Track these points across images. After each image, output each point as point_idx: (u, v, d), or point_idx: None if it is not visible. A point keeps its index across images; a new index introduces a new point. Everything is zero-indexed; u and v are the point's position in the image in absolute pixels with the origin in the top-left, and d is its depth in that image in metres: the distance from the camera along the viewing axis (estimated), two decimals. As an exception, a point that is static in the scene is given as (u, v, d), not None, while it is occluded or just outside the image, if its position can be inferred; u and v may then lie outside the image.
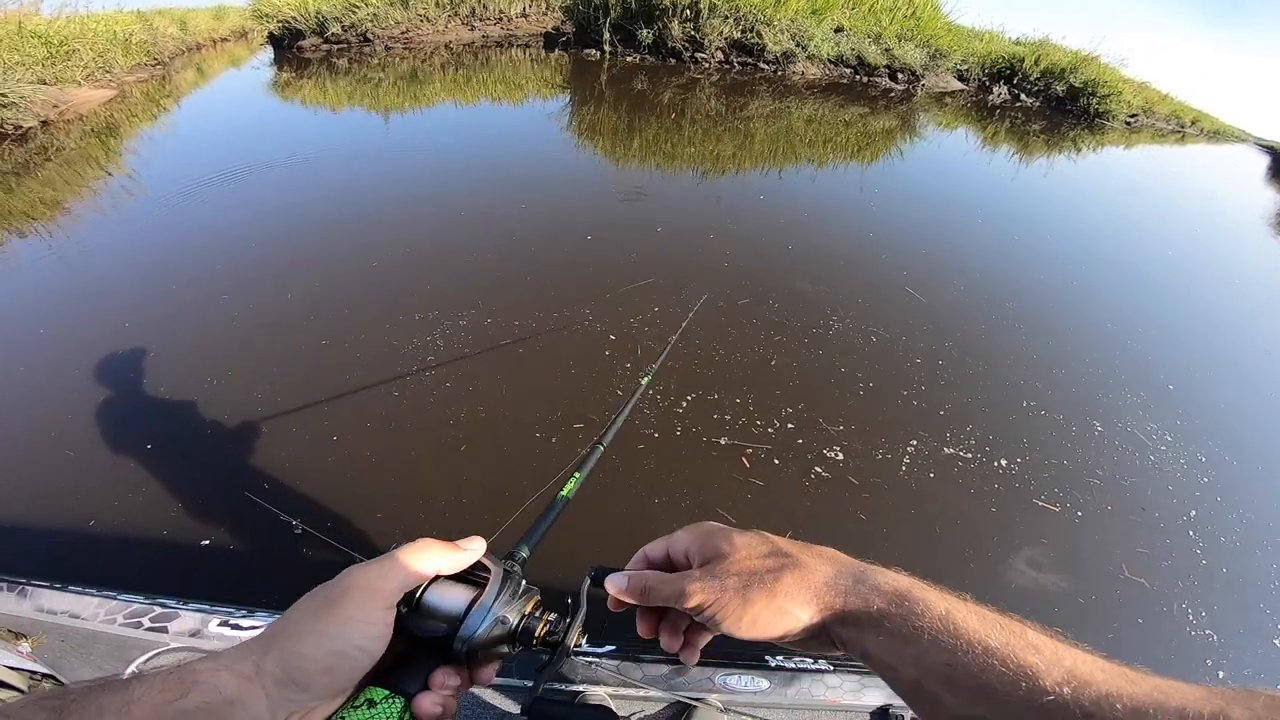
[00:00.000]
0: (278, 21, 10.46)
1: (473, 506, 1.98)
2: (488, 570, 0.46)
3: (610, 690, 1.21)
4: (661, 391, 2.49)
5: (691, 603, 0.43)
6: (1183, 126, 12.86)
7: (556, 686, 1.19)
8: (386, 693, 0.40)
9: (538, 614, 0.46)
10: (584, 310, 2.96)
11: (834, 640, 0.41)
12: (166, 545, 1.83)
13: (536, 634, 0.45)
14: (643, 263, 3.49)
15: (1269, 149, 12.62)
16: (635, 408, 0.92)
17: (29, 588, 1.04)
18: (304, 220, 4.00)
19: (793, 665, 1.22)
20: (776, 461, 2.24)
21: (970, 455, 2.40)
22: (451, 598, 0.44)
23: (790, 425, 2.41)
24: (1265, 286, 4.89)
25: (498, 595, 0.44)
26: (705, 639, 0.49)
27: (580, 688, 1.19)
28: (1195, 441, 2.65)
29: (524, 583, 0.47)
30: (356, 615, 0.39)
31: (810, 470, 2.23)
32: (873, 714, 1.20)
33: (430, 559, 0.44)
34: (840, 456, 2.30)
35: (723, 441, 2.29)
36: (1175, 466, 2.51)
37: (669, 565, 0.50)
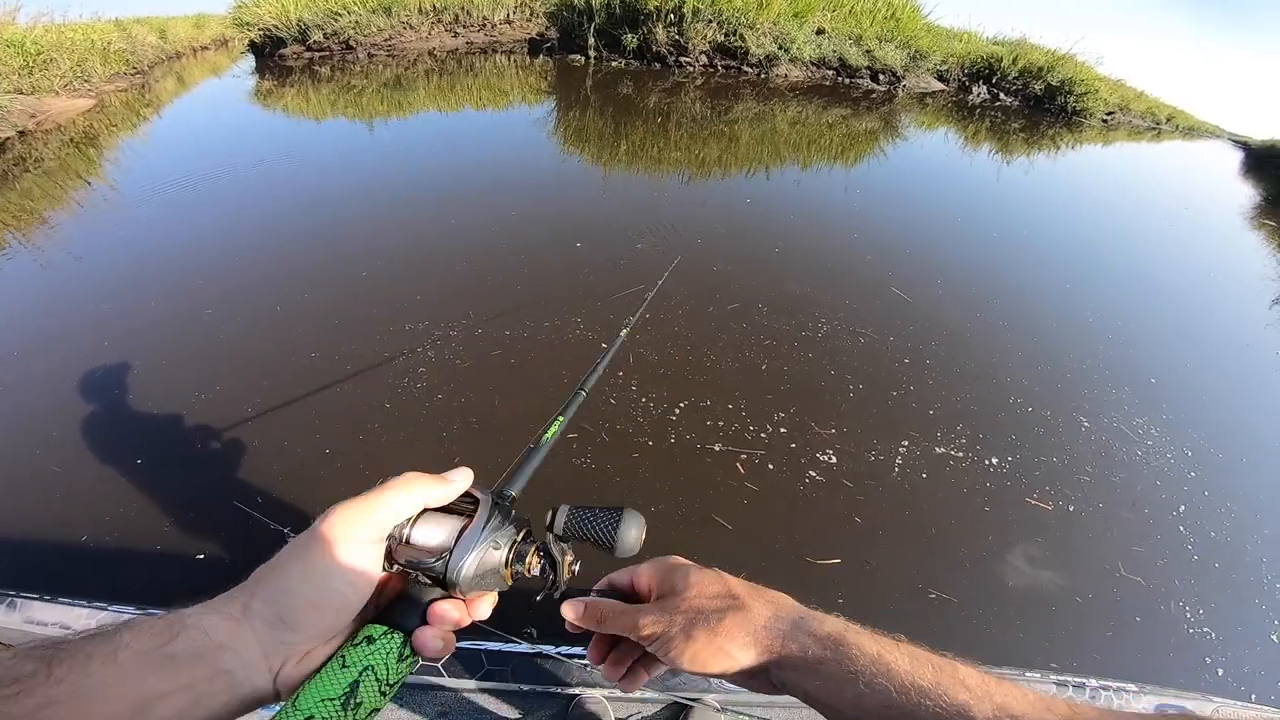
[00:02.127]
0: (258, 29, 10.37)
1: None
2: (475, 501, 0.46)
3: (606, 692, 1.21)
4: (654, 399, 2.49)
5: (643, 634, 0.46)
6: (1158, 123, 13.13)
7: (550, 690, 1.19)
8: (385, 628, 0.40)
9: (528, 541, 0.46)
10: (575, 319, 2.96)
11: (773, 682, 0.44)
12: (158, 557, 1.81)
13: (528, 559, 0.45)
14: (631, 269, 3.49)
15: (1242, 144, 12.92)
16: (614, 366, 0.92)
17: (18, 600, 1.03)
18: (288, 231, 3.96)
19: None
20: (771, 466, 2.25)
21: (961, 454, 2.43)
22: (441, 529, 0.43)
23: (783, 430, 2.42)
24: (1241, 278, 4.99)
25: (486, 522, 0.44)
26: (652, 672, 0.52)
27: (576, 690, 1.19)
28: (1180, 434, 2.70)
29: (513, 512, 0.47)
30: (340, 550, 0.39)
31: (804, 474, 2.24)
32: None
33: (416, 492, 0.44)
34: (833, 460, 2.31)
35: (717, 448, 2.30)
36: (1163, 460, 2.55)
37: (632, 594, 0.52)
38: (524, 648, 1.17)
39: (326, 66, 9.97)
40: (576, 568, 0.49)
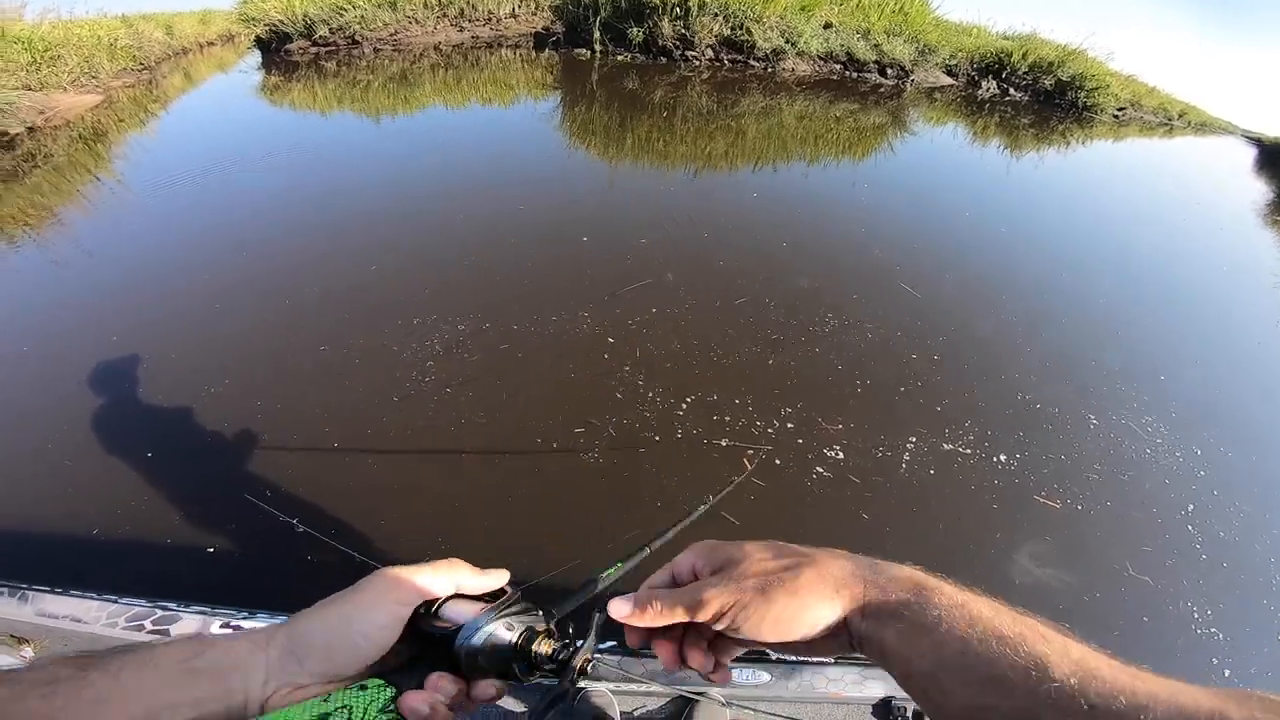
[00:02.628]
0: (264, 25, 10.36)
1: (473, 512, 1.98)
2: (505, 593, 0.49)
3: (612, 686, 1.22)
4: (661, 393, 2.49)
5: (710, 610, 0.42)
6: (1170, 119, 12.98)
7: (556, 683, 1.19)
8: (381, 682, 0.41)
9: (543, 633, 0.46)
10: (583, 313, 2.96)
11: (851, 637, 0.41)
12: (168, 550, 1.83)
13: (540, 650, 0.45)
14: (639, 263, 3.48)
15: (1255, 141, 12.77)
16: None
17: (30, 592, 1.04)
18: (296, 225, 3.97)
19: (794, 658, 1.22)
20: (778, 462, 2.25)
21: (969, 451, 2.41)
22: (464, 609, 0.46)
23: (790, 425, 2.42)
24: (1254, 275, 4.94)
25: (506, 609, 0.45)
26: (730, 654, 0.49)
27: (582, 685, 1.20)
28: (1189, 433, 2.68)
29: (539, 612, 0.48)
30: (367, 605, 0.42)
31: (811, 470, 2.24)
32: (874, 706, 1.21)
33: (454, 575, 0.47)
34: (840, 455, 2.30)
35: (724, 443, 2.29)
36: (1171, 459, 2.53)
37: (675, 586, 0.49)
38: None
39: (332, 61, 9.96)
40: (593, 659, 0.47)
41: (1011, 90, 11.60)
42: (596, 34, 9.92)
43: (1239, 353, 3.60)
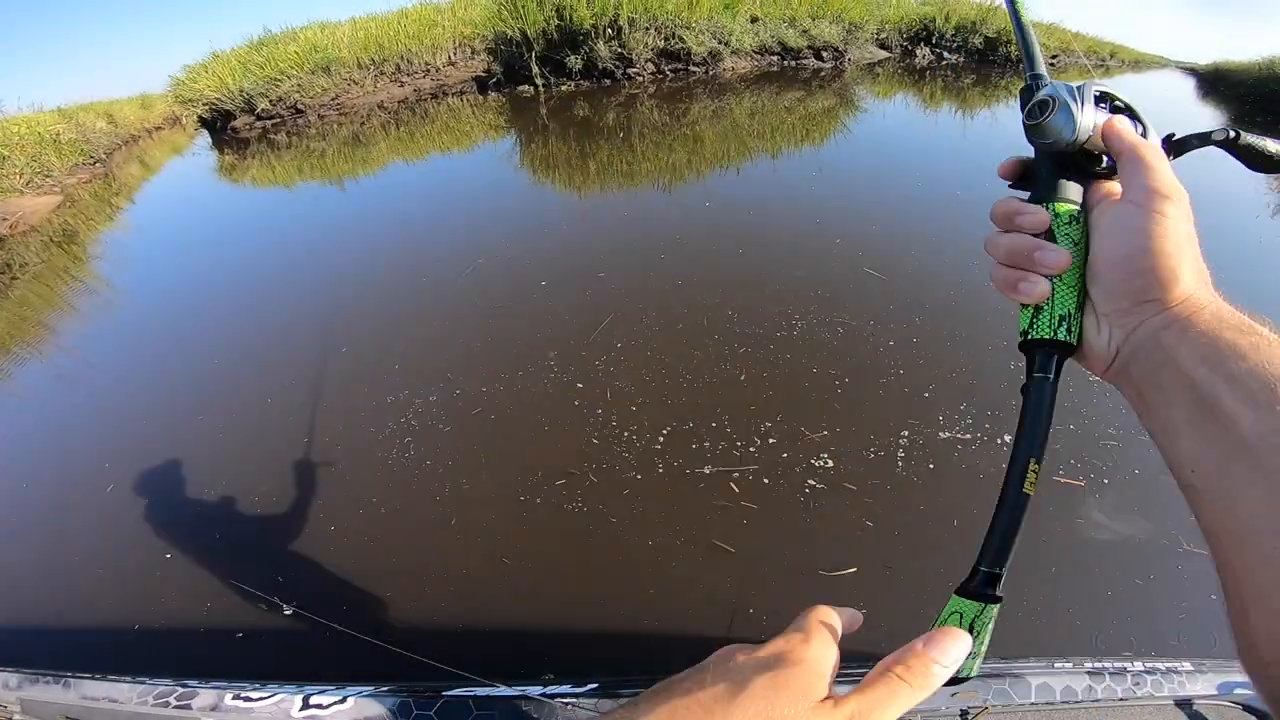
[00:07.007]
0: (203, 104, 10.41)
1: (469, 578, 1.92)
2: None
3: None
4: (636, 431, 2.43)
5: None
6: (1104, 60, 13.21)
7: None
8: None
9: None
10: (548, 361, 2.90)
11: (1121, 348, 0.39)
12: (195, 636, 1.85)
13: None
14: (599, 298, 3.44)
15: (1190, 71, 13.02)
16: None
17: (71, 680, 1.14)
18: (267, 312, 3.94)
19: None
20: (765, 481, 2.18)
21: (970, 436, 2.33)
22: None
23: (772, 440, 2.35)
24: (1237, 197, 4.93)
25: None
26: None
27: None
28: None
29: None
30: None
31: (803, 484, 2.17)
32: None
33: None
34: (831, 464, 2.24)
35: (707, 470, 2.23)
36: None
37: None
38: (510, 691, 1.15)
39: (281, 133, 9.99)
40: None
41: (945, 54, 11.76)
42: (535, 68, 10.00)
43: (1233, 277, 3.57)
